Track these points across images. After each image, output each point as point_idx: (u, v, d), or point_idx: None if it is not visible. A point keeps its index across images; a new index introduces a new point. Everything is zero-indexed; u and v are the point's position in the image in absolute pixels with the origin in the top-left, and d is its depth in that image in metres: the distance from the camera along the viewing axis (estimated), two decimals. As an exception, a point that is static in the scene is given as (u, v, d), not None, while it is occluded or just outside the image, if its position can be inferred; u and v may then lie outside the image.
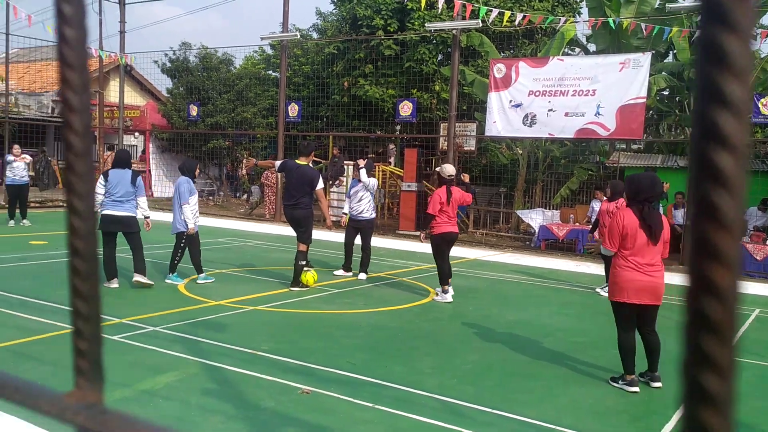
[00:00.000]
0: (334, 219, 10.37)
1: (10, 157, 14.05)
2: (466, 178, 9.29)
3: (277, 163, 9.27)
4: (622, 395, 5.18)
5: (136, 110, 24.84)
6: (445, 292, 8.42)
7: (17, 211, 14.24)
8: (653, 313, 5.29)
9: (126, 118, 23.19)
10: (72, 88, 0.44)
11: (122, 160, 8.36)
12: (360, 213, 9.79)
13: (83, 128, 0.45)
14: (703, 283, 0.37)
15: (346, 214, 10.16)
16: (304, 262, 8.72)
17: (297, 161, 8.79)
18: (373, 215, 10.01)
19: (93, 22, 22.15)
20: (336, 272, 10.09)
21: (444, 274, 8.40)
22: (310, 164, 8.89)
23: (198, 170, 9.08)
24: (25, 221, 14.18)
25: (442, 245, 8.38)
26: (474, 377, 5.45)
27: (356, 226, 9.90)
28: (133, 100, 26.30)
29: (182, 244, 8.77)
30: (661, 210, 11.90)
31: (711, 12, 0.36)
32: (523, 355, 6.20)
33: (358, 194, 9.78)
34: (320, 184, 8.63)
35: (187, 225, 8.67)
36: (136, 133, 25.15)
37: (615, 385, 5.35)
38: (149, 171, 25.00)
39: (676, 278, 8.15)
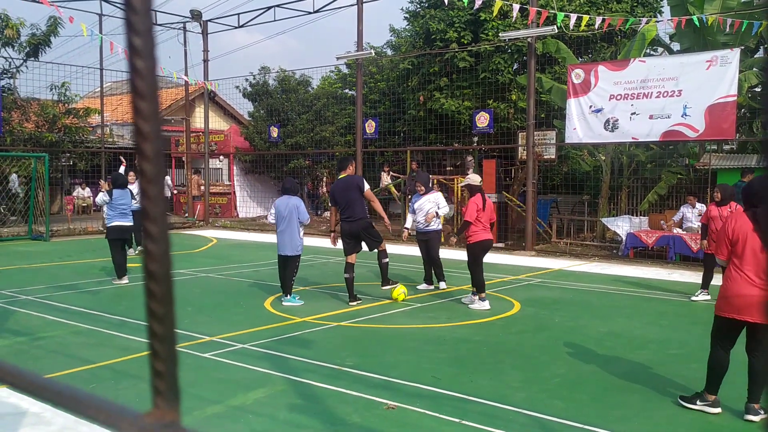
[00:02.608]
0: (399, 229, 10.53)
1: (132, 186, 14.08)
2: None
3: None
4: (725, 409, 4.88)
5: (220, 134, 25.79)
6: (482, 300, 8.54)
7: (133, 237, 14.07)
8: (766, 333, 4.59)
9: (211, 142, 24.10)
10: (143, 116, 0.46)
11: (119, 182, 10.57)
12: (428, 225, 9.80)
13: (154, 154, 0.46)
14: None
15: (407, 228, 10.46)
16: (387, 259, 9.08)
17: (338, 177, 9.05)
18: (440, 226, 10.07)
19: (179, 52, 23.18)
20: (419, 286, 10.10)
21: (482, 283, 8.59)
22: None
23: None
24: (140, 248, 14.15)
25: (480, 254, 8.57)
26: (564, 391, 5.29)
27: (423, 239, 9.95)
28: (217, 125, 27.32)
29: (297, 264, 8.80)
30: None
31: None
32: (615, 368, 5.97)
33: (424, 208, 9.81)
34: (367, 186, 8.91)
35: (301, 247, 8.76)
36: (221, 157, 26.07)
37: (693, 407, 4.85)
38: (234, 193, 25.82)
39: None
